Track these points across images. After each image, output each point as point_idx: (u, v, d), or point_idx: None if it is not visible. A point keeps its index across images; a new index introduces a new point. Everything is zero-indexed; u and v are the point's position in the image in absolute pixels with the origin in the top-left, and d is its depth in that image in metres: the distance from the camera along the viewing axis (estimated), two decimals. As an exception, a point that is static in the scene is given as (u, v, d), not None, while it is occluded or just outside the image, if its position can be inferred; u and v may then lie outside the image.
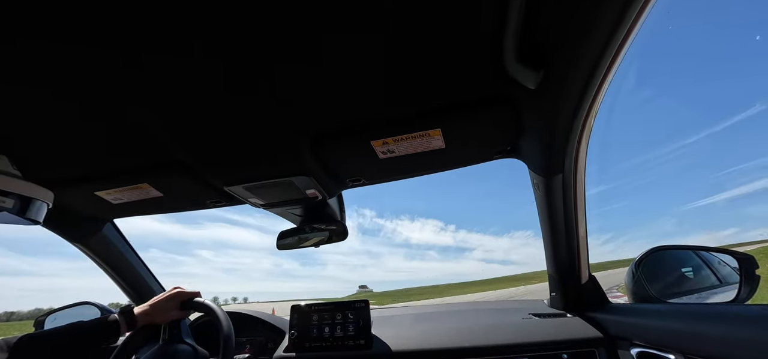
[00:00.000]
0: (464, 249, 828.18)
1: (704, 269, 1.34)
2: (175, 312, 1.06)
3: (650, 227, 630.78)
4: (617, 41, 0.55)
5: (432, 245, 36.98)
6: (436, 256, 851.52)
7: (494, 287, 78.58)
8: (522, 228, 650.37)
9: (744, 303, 1.04)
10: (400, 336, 1.19)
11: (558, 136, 0.82)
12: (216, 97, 0.70)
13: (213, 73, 0.64)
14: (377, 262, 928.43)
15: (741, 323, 0.67)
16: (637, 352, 0.90)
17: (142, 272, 1.55)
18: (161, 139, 0.84)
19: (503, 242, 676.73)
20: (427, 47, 0.61)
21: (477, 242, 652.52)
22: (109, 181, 1.01)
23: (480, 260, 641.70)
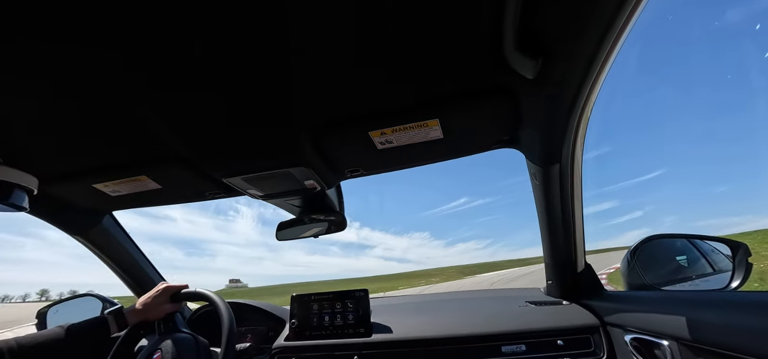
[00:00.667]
0: (366, 247, 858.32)
1: (698, 257, 1.36)
2: (167, 306, 1.07)
3: (520, 235, 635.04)
4: (615, 31, 0.55)
5: (335, 240, 36.66)
6: (338, 252, 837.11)
7: (393, 285, 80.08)
8: (420, 230, 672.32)
9: (736, 290, 1.06)
10: (399, 324, 1.21)
11: (556, 126, 0.83)
12: (214, 90, 0.69)
13: (211, 67, 0.63)
14: (275, 255, 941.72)
15: (733, 309, 0.69)
16: (631, 338, 0.92)
17: (143, 263, 1.56)
18: (160, 132, 0.84)
19: (402, 241, 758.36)
20: (425, 37, 0.61)
21: (379, 240, 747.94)
22: (108, 174, 1.01)
23: (380, 258, 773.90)
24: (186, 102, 0.72)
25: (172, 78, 0.65)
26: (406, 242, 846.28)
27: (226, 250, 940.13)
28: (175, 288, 1.09)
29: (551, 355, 1.03)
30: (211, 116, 0.77)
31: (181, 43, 0.58)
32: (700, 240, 1.35)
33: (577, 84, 0.68)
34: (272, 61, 0.63)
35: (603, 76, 0.68)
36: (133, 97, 0.70)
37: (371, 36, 0.60)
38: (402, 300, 1.56)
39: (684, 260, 1.41)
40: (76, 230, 1.32)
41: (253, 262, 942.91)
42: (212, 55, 0.61)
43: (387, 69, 0.68)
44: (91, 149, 0.91)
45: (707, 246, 1.34)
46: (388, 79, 0.71)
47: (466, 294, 1.61)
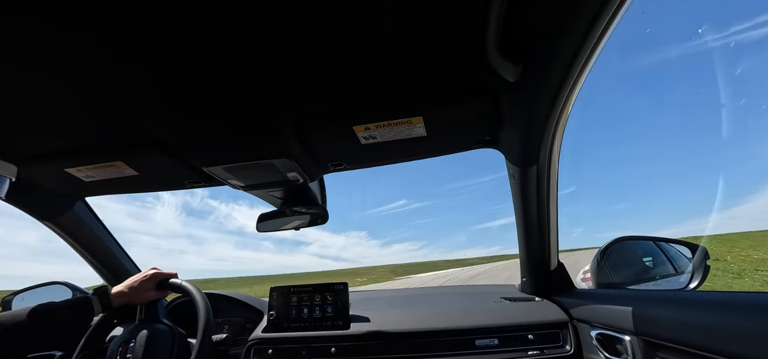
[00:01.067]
0: (301, 243, 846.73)
1: (662, 258, 1.44)
2: (152, 293, 1.06)
3: (454, 238, 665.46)
4: (594, 38, 0.57)
5: (268, 235, 36.73)
6: (271, 247, 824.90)
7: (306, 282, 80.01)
8: (358, 229, 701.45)
9: (694, 290, 1.14)
10: (377, 317, 1.23)
11: (534, 128, 0.86)
12: (195, 76, 0.68)
13: (192, 52, 0.62)
14: (200, 248, 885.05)
15: (689, 307, 0.74)
16: (596, 333, 0.97)
17: (117, 253, 1.51)
18: (137, 116, 0.81)
19: (339, 239, 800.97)
20: (411, 36, 0.62)
21: (315, 237, 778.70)
22: (81, 158, 0.97)
23: (314, 255, 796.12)
24: (165, 86, 0.71)
25: (151, 60, 0.64)
26: (343, 241, 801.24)
27: (141, 241, 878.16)
28: (165, 275, 1.08)
29: (522, 348, 1.08)
30: (191, 101, 0.76)
31: (160, 25, 0.56)
32: (666, 243, 1.43)
33: (555, 90, 0.71)
34: (256, 49, 0.63)
35: (580, 83, 0.71)
36: (108, 79, 0.68)
37: (357, 31, 0.60)
38: (381, 294, 1.58)
39: (650, 261, 1.49)
40: (46, 215, 1.27)
41: (173, 255, 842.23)
42: (193, 38, 0.59)
43: (372, 65, 0.69)
44: (64, 132, 0.87)
45: (672, 249, 1.42)
46: (373, 75, 0.71)
47: (443, 290, 1.65)
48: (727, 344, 0.61)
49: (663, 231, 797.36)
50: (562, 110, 0.79)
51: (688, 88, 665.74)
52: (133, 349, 0.97)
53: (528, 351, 1.07)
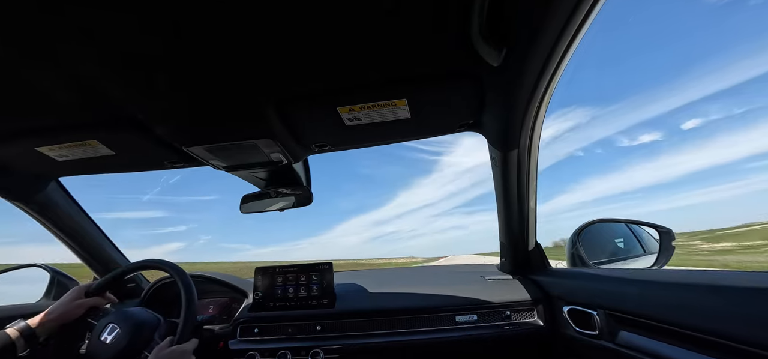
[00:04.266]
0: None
1: (633, 239, 1.53)
2: (83, 301, 1.02)
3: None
4: (575, 25, 0.59)
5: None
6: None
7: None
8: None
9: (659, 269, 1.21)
10: (362, 296, 1.26)
11: (516, 113, 0.87)
12: (174, 52, 0.66)
13: (172, 28, 0.60)
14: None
15: (651, 284, 0.79)
16: (568, 309, 1.03)
17: (98, 237, 1.47)
18: (112, 92, 0.78)
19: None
20: (395, 18, 0.61)
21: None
22: (53, 136, 0.93)
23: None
24: (144, 63, 0.68)
25: (127, 34, 0.61)
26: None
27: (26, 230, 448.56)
28: (89, 284, 1.06)
29: (499, 324, 1.13)
30: (170, 79, 0.73)
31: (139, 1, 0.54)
32: (637, 225, 1.51)
33: (537, 75, 0.73)
34: (238, 27, 0.61)
35: (561, 70, 0.73)
36: (80, 53, 0.65)
37: (341, 12, 0.59)
38: (366, 274, 1.61)
39: (621, 242, 1.57)
40: (16, 195, 1.22)
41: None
42: (172, 13, 0.57)
43: (356, 46, 0.68)
44: (33, 108, 0.83)
45: (642, 231, 1.50)
46: (357, 56, 0.71)
47: (426, 269, 1.70)
48: (680, 315, 0.67)
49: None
50: (543, 96, 0.81)
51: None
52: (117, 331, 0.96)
53: (504, 326, 1.13)
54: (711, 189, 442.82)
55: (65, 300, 1.01)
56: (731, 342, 0.56)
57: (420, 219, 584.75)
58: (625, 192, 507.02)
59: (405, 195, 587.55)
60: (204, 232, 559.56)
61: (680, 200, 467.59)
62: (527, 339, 1.13)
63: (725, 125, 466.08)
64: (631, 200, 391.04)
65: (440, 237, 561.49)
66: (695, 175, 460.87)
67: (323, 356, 1.11)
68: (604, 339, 0.88)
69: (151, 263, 1.10)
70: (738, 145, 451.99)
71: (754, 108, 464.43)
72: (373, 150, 7.39)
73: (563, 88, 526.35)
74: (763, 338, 0.52)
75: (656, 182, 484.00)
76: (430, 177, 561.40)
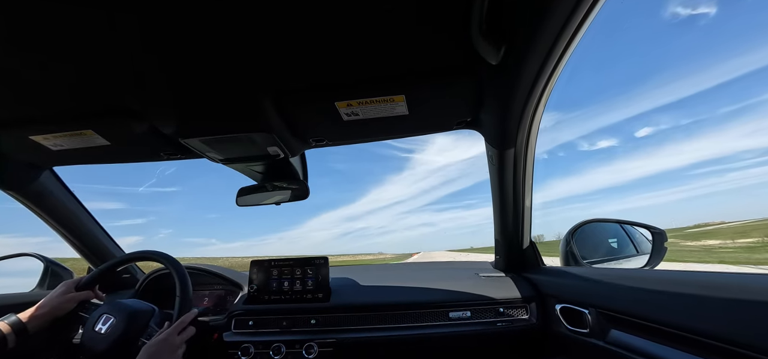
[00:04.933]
0: None
1: (626, 240, 1.54)
2: (74, 295, 1.02)
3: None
4: (574, 24, 0.59)
5: None
6: None
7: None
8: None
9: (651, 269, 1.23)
10: (357, 291, 1.27)
11: (513, 112, 0.88)
12: (173, 45, 0.65)
13: (171, 21, 0.59)
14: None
15: (641, 284, 0.80)
16: (561, 307, 1.04)
17: (92, 227, 1.46)
18: (108, 83, 0.77)
19: None
20: (394, 13, 0.61)
21: None
22: (48, 125, 0.93)
23: None
24: (142, 54, 0.67)
25: (126, 26, 0.61)
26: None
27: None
28: (80, 278, 1.06)
29: (492, 320, 1.14)
30: (168, 71, 0.73)
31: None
32: (631, 226, 1.53)
33: (535, 74, 0.73)
34: (237, 20, 0.61)
35: (559, 70, 0.73)
36: (74, 41, 0.65)
37: (340, 6, 0.59)
38: (361, 269, 1.62)
39: (615, 242, 1.59)
40: (9, 184, 1.21)
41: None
42: (172, 6, 0.57)
43: (355, 41, 0.68)
44: (28, 96, 0.83)
45: (635, 231, 1.52)
46: (356, 51, 0.71)
47: (421, 265, 1.70)
48: (670, 315, 0.68)
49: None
50: (541, 95, 0.81)
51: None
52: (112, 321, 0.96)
53: (497, 323, 1.14)
54: (659, 193, 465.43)
55: (56, 294, 1.00)
56: (721, 344, 0.57)
57: (390, 216, 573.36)
58: (583, 194, 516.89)
59: (377, 192, 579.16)
60: (164, 226, 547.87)
61: (632, 202, 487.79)
62: (520, 335, 1.14)
63: (673, 134, 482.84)
64: (589, 201, 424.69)
65: (410, 234, 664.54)
66: (646, 179, 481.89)
67: (317, 349, 1.12)
68: (595, 337, 0.89)
69: (146, 255, 1.10)
70: (683, 153, 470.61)
71: (699, 120, 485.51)
72: (346, 145, 7.40)
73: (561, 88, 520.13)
74: (750, 340, 0.53)
75: (611, 184, 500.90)
76: (402, 175, 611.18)
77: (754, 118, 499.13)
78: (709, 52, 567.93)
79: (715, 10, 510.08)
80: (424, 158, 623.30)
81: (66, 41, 0.64)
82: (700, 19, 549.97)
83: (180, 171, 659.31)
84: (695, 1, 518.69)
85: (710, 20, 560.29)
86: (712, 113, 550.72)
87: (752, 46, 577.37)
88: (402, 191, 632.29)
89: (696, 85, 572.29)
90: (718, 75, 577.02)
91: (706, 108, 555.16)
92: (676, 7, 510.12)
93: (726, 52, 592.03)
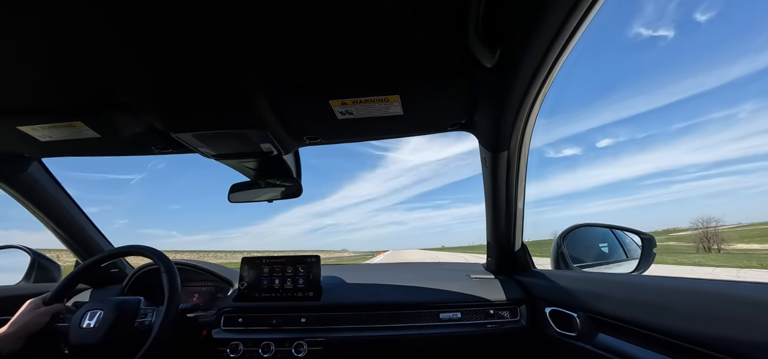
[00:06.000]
0: None
1: (616, 245, 1.56)
2: (45, 309, 0.99)
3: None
4: (570, 28, 0.59)
5: None
6: None
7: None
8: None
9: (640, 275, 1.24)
10: (348, 290, 1.26)
11: (507, 115, 0.88)
12: (166, 38, 0.64)
13: (164, 12, 0.59)
14: None
15: (629, 289, 0.81)
16: (550, 310, 1.05)
17: (81, 220, 1.44)
18: (98, 75, 0.76)
19: None
20: (390, 13, 0.61)
21: None
22: (36, 116, 0.91)
23: None
24: (134, 46, 0.66)
25: (118, 17, 0.60)
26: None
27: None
28: (44, 294, 1.03)
29: (482, 322, 1.15)
30: (161, 63, 0.72)
31: None
32: (621, 231, 1.55)
33: (530, 78, 0.73)
34: (231, 13, 0.60)
35: (554, 74, 0.73)
36: (64, 31, 0.63)
37: (338, 4, 0.59)
38: (353, 268, 1.61)
39: (606, 246, 1.60)
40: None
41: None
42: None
43: (351, 39, 0.68)
44: (16, 86, 0.81)
45: (625, 237, 1.54)
46: (351, 49, 0.71)
47: (412, 265, 1.71)
48: (657, 321, 0.68)
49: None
50: (535, 99, 0.82)
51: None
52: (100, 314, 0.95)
53: (487, 325, 1.14)
54: (613, 200, 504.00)
55: (25, 311, 0.97)
56: (707, 351, 0.58)
57: (362, 213, 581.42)
58: (547, 198, 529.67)
59: (349, 188, 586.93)
60: (120, 216, 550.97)
61: (589, 208, 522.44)
62: (509, 337, 1.15)
63: (629, 146, 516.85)
64: (551, 205, 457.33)
65: (380, 232, 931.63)
66: (604, 187, 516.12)
67: (307, 348, 1.11)
68: (583, 340, 0.90)
69: (133, 250, 1.09)
70: (638, 164, 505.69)
71: (652, 134, 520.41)
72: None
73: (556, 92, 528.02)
74: (736, 347, 0.54)
75: (572, 190, 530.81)
76: (375, 172, 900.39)
77: (700, 135, 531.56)
78: (666, 71, 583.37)
79: (674, 33, 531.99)
80: (397, 157, 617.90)
81: (54, 30, 0.63)
82: (659, 40, 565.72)
83: (141, 159, 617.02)
84: (656, 24, 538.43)
85: (668, 42, 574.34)
86: (665, 128, 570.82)
87: (705, 68, 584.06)
88: (374, 189, 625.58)
89: (652, 102, 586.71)
90: (673, 93, 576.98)
91: (659, 124, 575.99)
92: (640, 28, 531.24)
93: (680, 73, 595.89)
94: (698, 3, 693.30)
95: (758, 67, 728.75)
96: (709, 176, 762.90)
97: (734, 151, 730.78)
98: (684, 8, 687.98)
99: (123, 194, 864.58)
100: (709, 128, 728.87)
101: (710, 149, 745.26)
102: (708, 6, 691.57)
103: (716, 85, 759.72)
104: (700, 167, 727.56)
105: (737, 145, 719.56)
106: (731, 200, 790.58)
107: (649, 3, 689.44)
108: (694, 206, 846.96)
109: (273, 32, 0.65)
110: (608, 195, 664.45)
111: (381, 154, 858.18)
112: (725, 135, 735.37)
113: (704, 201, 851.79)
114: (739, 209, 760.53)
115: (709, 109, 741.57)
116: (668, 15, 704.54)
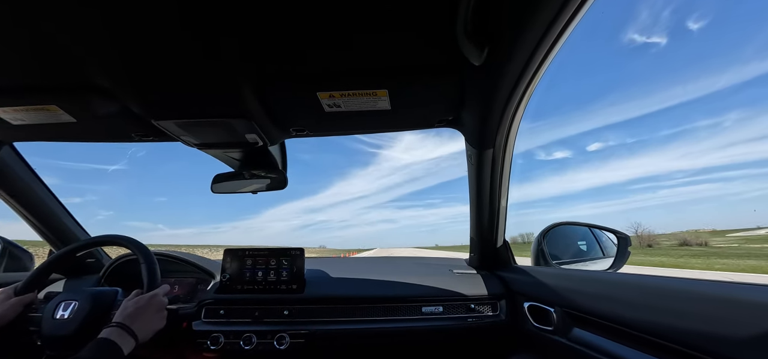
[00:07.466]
0: None
1: (594, 243, 1.61)
2: (14, 301, 0.96)
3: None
4: (558, 29, 0.60)
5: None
6: None
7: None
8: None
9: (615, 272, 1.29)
10: (331, 283, 1.26)
11: (494, 113, 0.89)
12: (148, 20, 0.62)
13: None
14: None
15: (606, 286, 0.84)
16: (528, 305, 1.08)
17: (56, 208, 1.38)
18: (74, 55, 0.73)
19: None
20: (381, 7, 0.61)
21: None
22: (8, 97, 0.86)
23: None
24: (114, 27, 0.64)
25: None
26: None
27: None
28: (15, 284, 1.00)
29: (463, 316, 1.17)
30: (141, 46, 0.69)
31: None
32: (599, 230, 1.60)
33: (516, 77, 0.74)
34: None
35: (540, 74, 0.75)
36: (39, 8, 0.61)
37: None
38: (337, 261, 1.61)
39: (584, 244, 1.66)
40: None
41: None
42: None
43: (340, 31, 0.67)
44: None
45: (603, 235, 1.59)
46: (340, 41, 0.70)
47: (396, 259, 1.72)
48: (630, 317, 0.72)
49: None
50: (521, 98, 0.84)
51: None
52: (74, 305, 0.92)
53: (468, 319, 1.17)
54: (601, 203, 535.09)
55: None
56: (675, 345, 0.61)
57: (353, 210, 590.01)
58: (537, 200, 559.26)
59: (341, 185, 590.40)
60: (104, 207, 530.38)
61: (578, 210, 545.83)
62: (489, 331, 1.17)
63: (619, 151, 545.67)
64: (540, 207, 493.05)
65: (370, 229, 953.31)
66: (593, 190, 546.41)
67: (289, 340, 1.11)
68: (559, 334, 0.93)
69: (110, 240, 1.06)
70: (627, 169, 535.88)
71: (641, 140, 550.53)
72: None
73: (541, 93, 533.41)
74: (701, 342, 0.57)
75: (562, 192, 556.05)
76: (368, 169, 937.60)
77: (688, 142, 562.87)
78: (656, 78, 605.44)
79: (666, 40, 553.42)
80: (390, 155, 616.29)
81: (26, 5, 0.60)
82: (652, 47, 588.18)
83: (128, 149, 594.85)
84: (650, 31, 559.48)
85: (661, 49, 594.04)
86: (654, 134, 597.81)
87: (694, 75, 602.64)
88: (366, 186, 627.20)
89: (642, 108, 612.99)
90: (662, 100, 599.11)
91: (648, 129, 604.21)
92: (633, 34, 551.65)
93: (671, 79, 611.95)
94: (691, 12, 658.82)
95: (744, 78, 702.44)
96: (695, 182, 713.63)
97: (720, 158, 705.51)
98: (677, 15, 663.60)
99: (111, 185, 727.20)
100: (696, 136, 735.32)
101: (697, 155, 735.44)
102: (700, 15, 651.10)
103: (703, 93, 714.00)
104: (687, 173, 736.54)
105: (722, 153, 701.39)
106: (717, 205, 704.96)
107: (643, 10, 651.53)
108: (680, 211, 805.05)
109: (261, 19, 0.64)
110: (597, 198, 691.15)
111: (374, 151, 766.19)
112: (711, 143, 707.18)
113: (690, 207, 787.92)
114: (723, 214, 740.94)
115: (695, 117, 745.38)
116: (662, 22, 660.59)
